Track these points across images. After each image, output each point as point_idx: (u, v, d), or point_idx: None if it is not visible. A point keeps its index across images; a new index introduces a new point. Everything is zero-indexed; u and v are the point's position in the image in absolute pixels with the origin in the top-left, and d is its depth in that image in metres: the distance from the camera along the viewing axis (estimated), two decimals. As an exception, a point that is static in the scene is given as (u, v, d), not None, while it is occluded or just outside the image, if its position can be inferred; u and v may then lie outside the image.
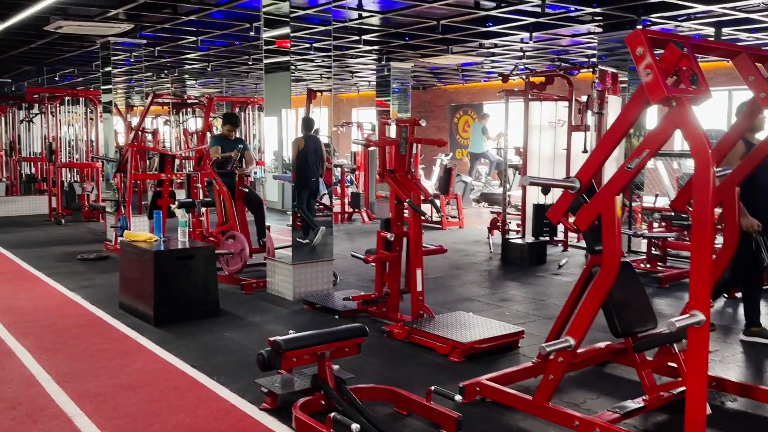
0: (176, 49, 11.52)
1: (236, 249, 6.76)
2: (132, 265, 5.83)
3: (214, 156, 7.52)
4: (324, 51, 6.71)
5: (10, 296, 6.37)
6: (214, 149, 7.56)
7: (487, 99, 17.30)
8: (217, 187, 7.25)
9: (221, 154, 7.42)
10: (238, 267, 6.71)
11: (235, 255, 6.75)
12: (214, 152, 7.49)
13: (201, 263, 5.65)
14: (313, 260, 6.36)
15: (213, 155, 7.53)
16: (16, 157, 14.20)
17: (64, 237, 10.19)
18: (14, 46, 10.89)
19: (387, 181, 5.24)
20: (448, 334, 4.67)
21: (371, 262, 5.27)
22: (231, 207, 7.10)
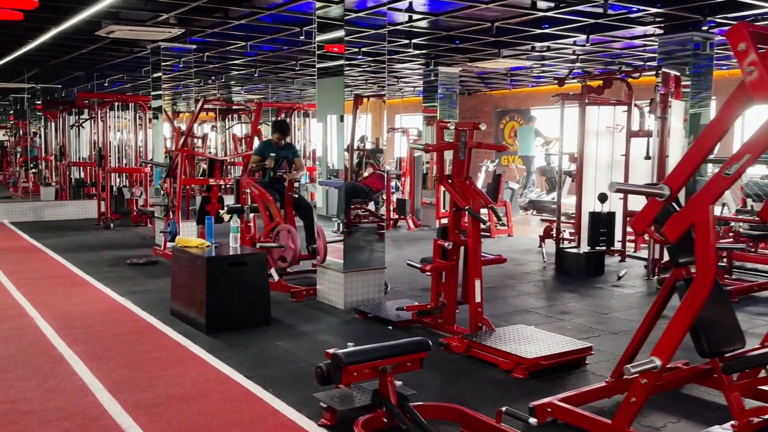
0: (224, 55, 11.53)
1: (284, 239, 6.66)
2: (183, 271, 5.74)
3: (251, 165, 7.54)
4: (373, 55, 6.53)
5: (62, 301, 6.35)
6: (254, 158, 7.57)
7: (534, 104, 16.98)
8: (257, 191, 7.17)
9: (257, 164, 7.42)
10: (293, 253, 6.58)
11: (286, 246, 6.64)
12: (252, 161, 7.52)
13: (253, 270, 5.53)
14: (364, 268, 6.19)
15: (251, 164, 7.54)
16: (66, 162, 14.41)
17: (113, 241, 10.24)
18: (66, 52, 11.02)
19: (445, 187, 5.04)
20: (510, 348, 4.44)
21: (428, 272, 5.07)
22: (276, 207, 7.02)
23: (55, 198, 14.30)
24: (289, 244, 6.59)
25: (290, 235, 6.61)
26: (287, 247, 6.59)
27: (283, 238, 6.66)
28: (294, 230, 6.66)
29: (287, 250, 6.59)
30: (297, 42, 10.01)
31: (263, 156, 7.45)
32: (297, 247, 6.56)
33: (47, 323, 5.52)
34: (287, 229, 6.67)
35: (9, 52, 10.93)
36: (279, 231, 6.76)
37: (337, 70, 6.19)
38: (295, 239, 6.58)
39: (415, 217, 12.20)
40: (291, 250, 6.58)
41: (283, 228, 6.72)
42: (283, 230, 6.71)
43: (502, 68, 12.86)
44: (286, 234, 6.64)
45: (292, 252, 6.57)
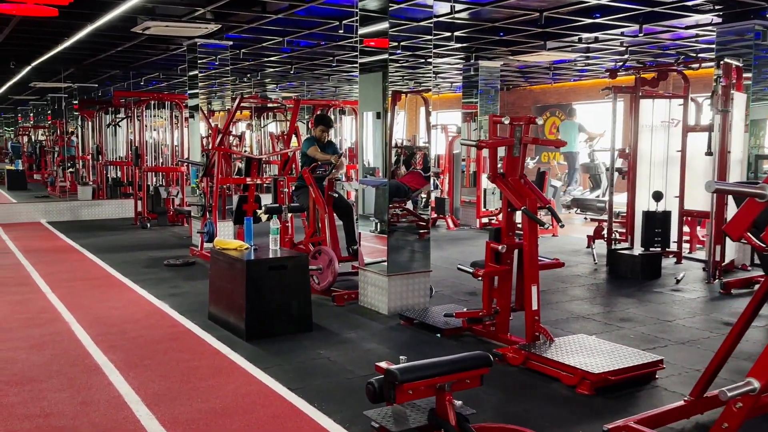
0: (260, 51, 11.33)
1: (324, 263, 6.37)
2: (222, 274, 5.51)
3: (314, 155, 7.08)
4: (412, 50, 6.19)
5: (98, 304, 6.18)
6: (313, 149, 7.15)
7: (576, 99, 16.47)
8: (314, 194, 6.86)
9: (321, 157, 7.03)
10: (328, 281, 6.31)
11: (324, 270, 6.35)
12: (314, 151, 7.09)
13: (294, 273, 5.27)
14: (409, 272, 5.89)
15: (313, 154, 7.10)
16: (103, 161, 14.40)
17: (150, 241, 10.11)
18: (101, 50, 10.93)
19: (499, 186, 4.71)
20: (574, 361, 4.09)
21: (480, 277, 4.74)
22: (324, 217, 6.72)
23: (92, 197, 14.32)
24: (326, 270, 6.33)
25: (331, 262, 6.33)
26: (324, 270, 6.33)
27: (323, 261, 6.38)
28: (335, 258, 6.37)
29: (324, 274, 6.34)
30: (334, 37, 9.75)
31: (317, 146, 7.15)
32: (334, 276, 6.29)
33: (83, 329, 5.33)
34: (330, 256, 6.38)
35: (45, 51, 10.87)
36: (321, 252, 6.48)
37: (379, 65, 5.89)
38: (334, 268, 6.30)
39: (454, 216, 11.87)
40: (326, 279, 6.33)
41: (326, 252, 6.44)
42: (324, 254, 6.44)
43: (545, 62, 12.43)
44: (327, 260, 6.37)
45: (327, 281, 6.32)
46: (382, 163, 5.95)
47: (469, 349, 4.78)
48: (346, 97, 19.69)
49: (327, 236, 6.64)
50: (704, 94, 8.49)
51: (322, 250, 6.49)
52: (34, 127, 22.81)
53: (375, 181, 6.11)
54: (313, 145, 7.18)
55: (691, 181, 7.95)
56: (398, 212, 7.01)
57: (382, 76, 5.85)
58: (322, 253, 6.46)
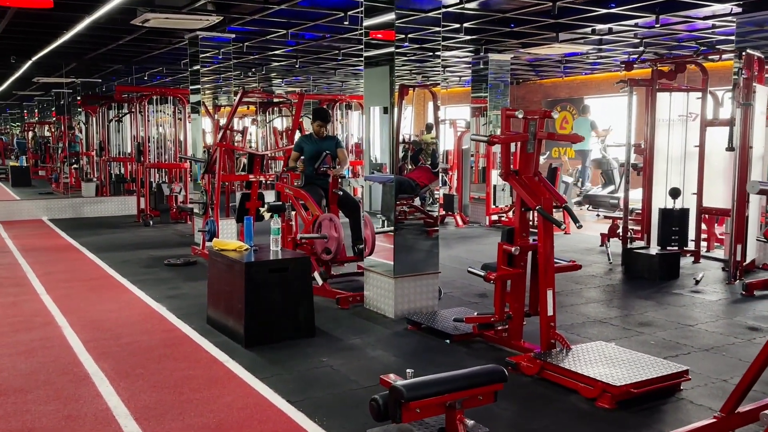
0: (264, 45, 11.07)
1: (328, 230, 6.16)
2: (221, 276, 5.26)
3: (292, 164, 7.08)
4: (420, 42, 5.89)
5: (93, 307, 5.95)
6: (293, 155, 7.09)
7: (588, 93, 16.13)
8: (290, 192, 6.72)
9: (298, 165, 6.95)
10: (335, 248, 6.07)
11: (329, 239, 6.13)
12: (292, 159, 7.07)
13: (295, 276, 5.01)
14: (417, 273, 5.62)
15: (291, 163, 7.10)
16: (106, 157, 14.19)
17: (152, 240, 9.89)
18: (102, 43, 10.70)
19: (512, 184, 4.44)
20: (593, 372, 3.82)
21: (492, 281, 4.47)
22: (313, 203, 6.52)
23: (95, 194, 14.12)
24: (332, 233, 6.11)
25: (332, 223, 6.13)
26: (330, 237, 6.10)
27: (326, 228, 6.17)
28: (337, 218, 6.21)
29: (331, 240, 6.12)
30: (340, 29, 9.47)
31: (301, 152, 6.98)
32: (341, 236, 6.06)
33: (75, 333, 5.10)
34: (329, 217, 6.21)
35: (45, 44, 10.64)
36: (321, 221, 6.27)
37: (385, 59, 5.61)
38: (338, 228, 6.10)
39: (463, 213, 11.59)
40: (335, 240, 6.10)
41: (325, 217, 6.24)
42: (324, 220, 6.23)
43: (557, 54, 12.10)
44: (329, 223, 6.16)
45: (336, 241, 6.09)
46: (390, 158, 5.67)
47: (480, 356, 4.53)
48: (352, 92, 19.40)
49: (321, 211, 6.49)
50: (721, 87, 8.16)
51: (320, 218, 6.30)
52: (39, 123, 22.64)
53: (381, 177, 5.84)
54: (299, 148, 7.08)
55: (709, 177, 7.65)
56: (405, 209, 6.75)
57: (389, 70, 5.57)
58: (322, 221, 6.25)
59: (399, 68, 5.57)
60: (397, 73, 5.55)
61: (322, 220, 6.27)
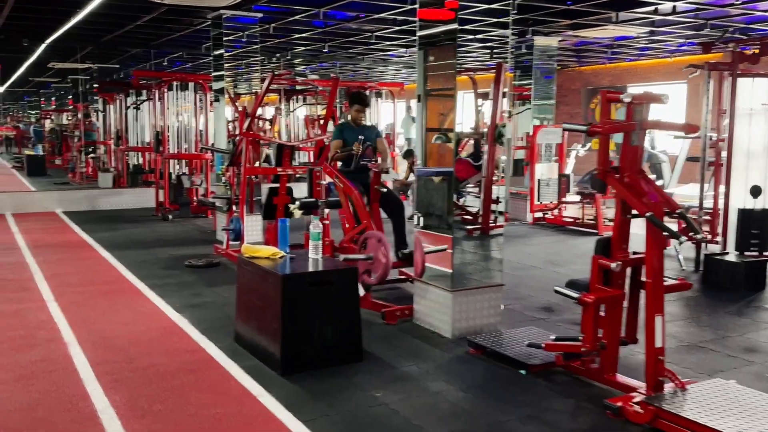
0: (291, 26, 10.28)
1: (375, 251, 5.32)
2: (252, 287, 4.51)
3: (333, 152, 6.20)
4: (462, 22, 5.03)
5: (105, 318, 5.23)
6: (335, 143, 6.22)
7: (632, 81, 15.17)
8: (341, 185, 5.84)
9: (342, 150, 6.08)
10: (383, 269, 5.24)
11: (375, 261, 5.29)
12: (334, 148, 6.18)
13: (340, 290, 4.25)
14: (478, 286, 4.83)
15: (332, 151, 6.21)
16: (123, 147, 13.52)
17: (171, 236, 9.18)
18: (119, 23, 9.98)
19: (612, 184, 3.63)
20: (728, 426, 3.01)
21: (589, 304, 3.66)
22: (364, 207, 5.69)
23: (112, 185, 13.47)
24: (379, 256, 5.25)
25: (381, 245, 5.28)
26: (377, 260, 5.25)
27: (372, 248, 5.32)
28: (385, 239, 5.31)
29: (377, 263, 5.23)
30: (376, 7, 8.65)
31: (344, 139, 6.16)
32: (389, 261, 5.21)
33: (83, 353, 4.38)
34: (377, 237, 5.33)
35: (57, 25, 9.94)
36: (367, 239, 5.44)
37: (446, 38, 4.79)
38: (386, 250, 5.23)
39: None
40: (382, 265, 5.23)
41: (372, 236, 5.39)
42: (371, 238, 5.38)
43: (607, 38, 11.19)
44: (376, 243, 5.31)
45: (383, 267, 5.22)
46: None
47: (567, 393, 3.74)
48: (379, 80, 18.59)
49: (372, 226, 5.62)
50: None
51: (366, 235, 5.47)
52: (56, 111, 22.08)
53: (435, 170, 5.06)
54: (339, 136, 6.21)
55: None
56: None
57: (450, 51, 4.74)
58: (368, 239, 5.43)
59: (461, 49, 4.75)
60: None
61: (369, 237, 5.42)
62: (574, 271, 6.97)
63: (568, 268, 7.13)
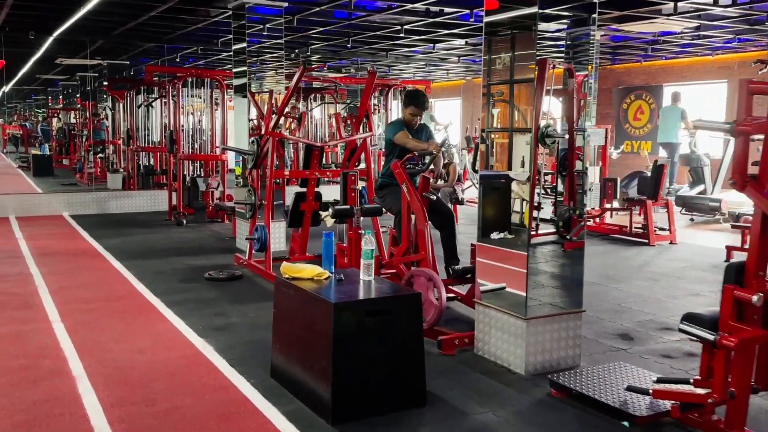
0: (316, 18, 9.60)
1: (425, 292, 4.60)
2: (294, 315, 3.82)
3: (405, 143, 5.35)
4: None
5: (118, 343, 4.55)
6: (403, 135, 5.43)
7: (669, 80, 14.43)
8: (409, 196, 5.10)
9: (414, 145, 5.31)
10: (435, 314, 4.56)
11: (425, 303, 4.58)
12: (403, 138, 5.37)
13: (402, 320, 3.55)
14: (557, 312, 4.13)
15: (403, 141, 5.37)
16: (134, 147, 12.86)
17: (186, 243, 8.52)
18: (131, 15, 9.31)
19: (752, 196, 2.92)
20: None
21: (731, 347, 2.94)
22: (423, 228, 4.95)
23: (122, 187, 12.82)
24: (430, 297, 4.54)
25: (432, 284, 4.56)
26: (427, 302, 4.52)
27: (421, 286, 4.60)
28: (437, 277, 4.58)
29: (427, 306, 4.51)
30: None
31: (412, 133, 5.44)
32: (443, 303, 4.50)
33: (94, 391, 3.70)
34: (427, 275, 4.60)
35: (66, 16, 9.27)
36: (414, 276, 4.71)
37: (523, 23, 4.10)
38: (440, 292, 4.51)
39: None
40: (436, 309, 4.52)
41: (421, 273, 4.66)
42: (419, 276, 4.66)
43: (652, 33, 10.46)
44: (426, 282, 4.59)
45: (436, 311, 4.51)
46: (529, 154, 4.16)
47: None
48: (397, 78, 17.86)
49: (429, 257, 4.88)
50: None
51: (415, 272, 4.75)
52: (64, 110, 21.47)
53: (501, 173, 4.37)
54: (401, 129, 5.44)
55: None
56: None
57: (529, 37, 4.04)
58: (415, 277, 4.71)
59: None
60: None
61: (416, 275, 4.68)
62: (638, 288, 6.28)
63: (629, 284, 6.43)
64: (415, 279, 4.73)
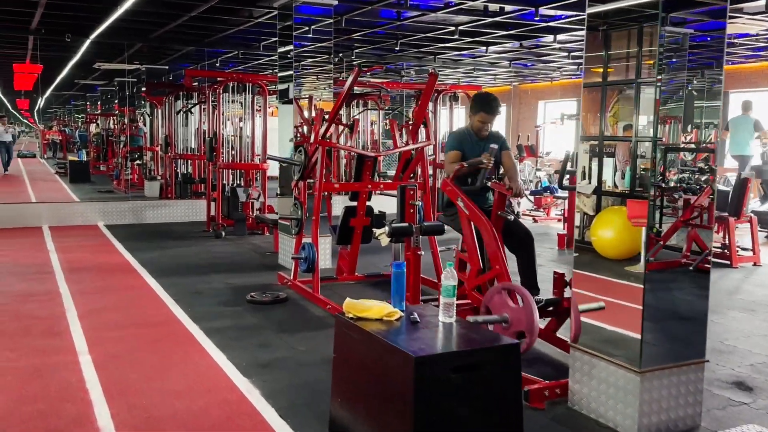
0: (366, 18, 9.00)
1: (511, 312, 3.89)
2: (361, 363, 3.18)
3: (451, 166, 4.80)
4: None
5: (151, 384, 3.95)
6: (452, 155, 4.83)
7: (734, 86, 13.49)
8: (467, 211, 4.45)
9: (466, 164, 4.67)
10: (526, 344, 3.83)
11: (511, 323, 3.86)
12: (451, 159, 4.77)
13: (497, 377, 2.88)
14: (677, 363, 3.41)
15: (449, 165, 4.81)
16: (172, 154, 12.41)
17: (226, 259, 7.96)
18: (170, 16, 8.83)
19: None
20: None
21: None
22: (495, 242, 4.27)
23: (159, 195, 12.39)
24: (520, 316, 3.82)
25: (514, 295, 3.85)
26: (514, 319, 3.82)
27: (499, 305, 3.90)
28: (525, 292, 3.87)
29: (514, 323, 3.79)
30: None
31: (463, 150, 4.79)
32: (535, 325, 3.77)
33: (122, 452, 3.09)
34: (511, 288, 3.90)
35: (102, 17, 8.82)
36: (491, 296, 4.01)
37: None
38: (529, 310, 3.80)
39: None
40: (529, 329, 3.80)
41: (499, 289, 3.97)
42: (496, 293, 3.96)
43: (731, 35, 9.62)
44: (502, 297, 3.88)
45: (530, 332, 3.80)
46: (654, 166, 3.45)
47: None
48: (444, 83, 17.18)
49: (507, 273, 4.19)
50: None
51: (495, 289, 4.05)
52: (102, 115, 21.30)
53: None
54: (453, 149, 4.82)
55: None
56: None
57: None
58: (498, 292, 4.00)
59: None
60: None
61: (488, 300, 3.96)
62: (736, 321, 5.55)
63: (725, 316, 5.65)
64: (495, 297, 4.01)
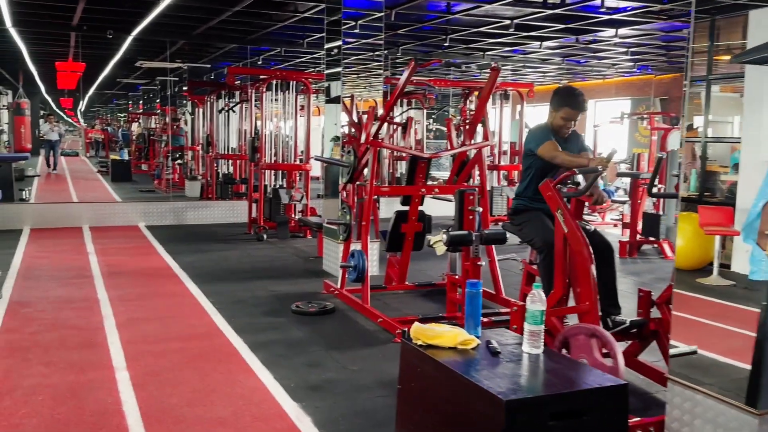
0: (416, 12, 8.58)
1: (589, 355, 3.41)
2: (431, 398, 2.75)
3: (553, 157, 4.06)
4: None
5: (193, 409, 3.58)
6: (551, 146, 4.13)
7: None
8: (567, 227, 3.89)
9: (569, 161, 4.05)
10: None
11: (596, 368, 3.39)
12: (552, 150, 4.08)
13: (601, 424, 2.43)
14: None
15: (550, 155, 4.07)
16: (213, 154, 12.17)
17: (268, 263, 7.62)
18: (214, 10, 8.53)
19: None
20: None
21: None
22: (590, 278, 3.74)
23: (200, 195, 12.17)
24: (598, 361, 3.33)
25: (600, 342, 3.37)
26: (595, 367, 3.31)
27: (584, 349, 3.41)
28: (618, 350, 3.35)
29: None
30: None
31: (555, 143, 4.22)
32: (620, 368, 3.27)
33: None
34: (604, 339, 3.40)
35: (144, 13, 8.57)
36: (569, 337, 3.53)
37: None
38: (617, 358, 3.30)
39: (669, 239, 8.68)
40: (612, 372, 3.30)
41: (579, 331, 3.48)
42: (576, 335, 3.47)
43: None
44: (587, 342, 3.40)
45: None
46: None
47: None
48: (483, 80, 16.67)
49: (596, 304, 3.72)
50: None
51: (567, 330, 3.58)
52: (143, 114, 21.34)
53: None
54: (548, 139, 4.23)
55: None
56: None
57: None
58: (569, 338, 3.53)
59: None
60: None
61: (571, 335, 3.48)
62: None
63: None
64: (570, 339, 3.56)
